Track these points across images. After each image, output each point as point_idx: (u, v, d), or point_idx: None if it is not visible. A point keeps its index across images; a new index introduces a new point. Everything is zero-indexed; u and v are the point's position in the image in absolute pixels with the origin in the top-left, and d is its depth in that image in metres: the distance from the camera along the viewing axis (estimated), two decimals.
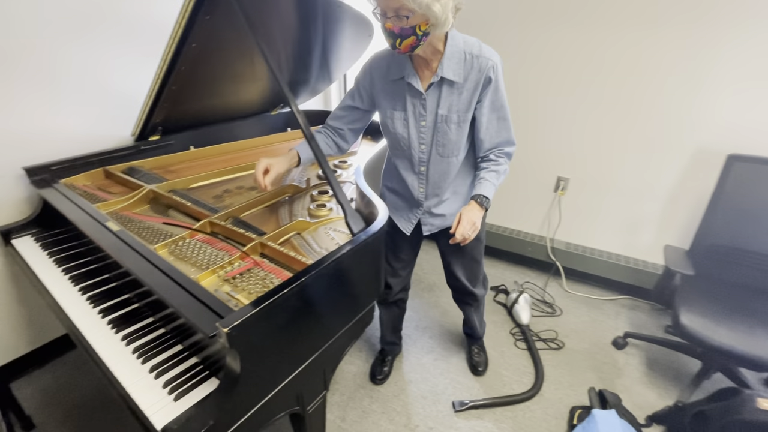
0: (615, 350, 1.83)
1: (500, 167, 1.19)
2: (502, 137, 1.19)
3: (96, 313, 1.01)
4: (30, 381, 1.61)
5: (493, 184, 1.17)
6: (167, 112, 1.54)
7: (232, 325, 0.68)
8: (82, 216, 1.15)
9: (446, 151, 1.21)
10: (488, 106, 1.13)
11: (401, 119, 1.21)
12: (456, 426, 1.47)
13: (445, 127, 1.16)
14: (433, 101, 1.14)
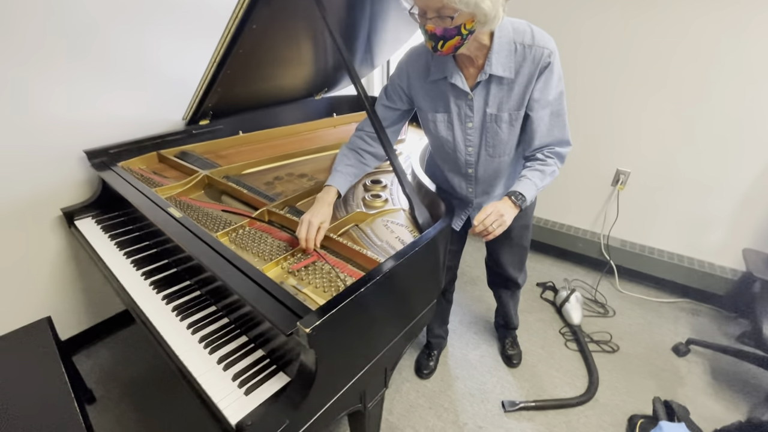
0: (675, 357, 1.72)
1: (547, 168, 1.04)
2: (554, 136, 1.04)
3: (160, 299, 1.02)
4: (89, 355, 1.69)
5: (534, 185, 1.02)
6: (219, 97, 1.52)
7: (314, 326, 0.65)
8: (144, 201, 1.15)
9: (497, 152, 1.11)
10: (541, 99, 0.99)
11: (444, 122, 1.11)
12: (506, 427, 1.42)
13: (495, 127, 1.05)
14: (480, 101, 1.03)
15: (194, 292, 1.05)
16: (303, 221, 0.98)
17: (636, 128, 1.90)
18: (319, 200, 1.07)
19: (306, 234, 0.96)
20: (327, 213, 1.04)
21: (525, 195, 1.00)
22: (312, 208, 1.03)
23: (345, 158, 1.19)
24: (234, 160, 1.59)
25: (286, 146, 1.74)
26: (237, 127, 1.74)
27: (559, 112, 1.02)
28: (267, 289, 0.78)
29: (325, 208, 1.04)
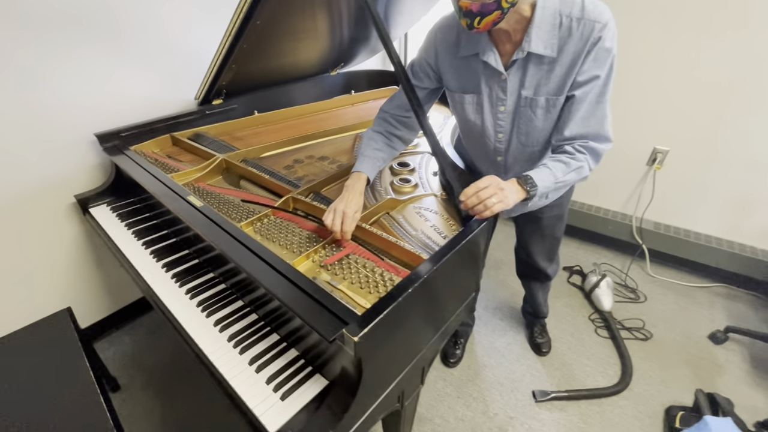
0: (712, 345, 1.65)
1: (573, 162, 0.90)
2: (591, 128, 0.89)
3: (184, 293, 0.96)
4: (111, 342, 1.67)
5: (553, 175, 0.88)
6: (234, 74, 1.42)
7: (362, 334, 0.59)
8: (162, 189, 1.08)
9: (530, 140, 1.00)
10: (583, 82, 0.85)
11: (473, 104, 1.00)
12: (538, 417, 1.38)
13: (530, 113, 0.94)
14: (515, 82, 0.91)
15: (218, 285, 1.00)
16: (335, 211, 0.90)
17: (677, 103, 1.76)
18: (348, 188, 0.98)
19: (339, 225, 0.88)
20: (359, 202, 0.95)
21: (537, 182, 0.87)
22: (342, 196, 0.95)
23: (372, 142, 1.10)
24: (251, 142, 1.50)
25: (304, 127, 1.65)
26: (251, 107, 1.65)
27: (601, 100, 0.88)
28: (304, 289, 0.72)
29: (356, 196, 0.96)
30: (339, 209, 0.90)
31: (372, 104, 1.91)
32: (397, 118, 1.11)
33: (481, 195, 0.82)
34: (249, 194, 1.16)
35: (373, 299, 0.77)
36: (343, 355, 0.67)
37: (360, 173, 1.03)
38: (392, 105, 1.11)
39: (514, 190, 0.86)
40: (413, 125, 1.12)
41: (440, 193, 1.16)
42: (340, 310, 0.67)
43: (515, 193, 0.86)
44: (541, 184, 0.87)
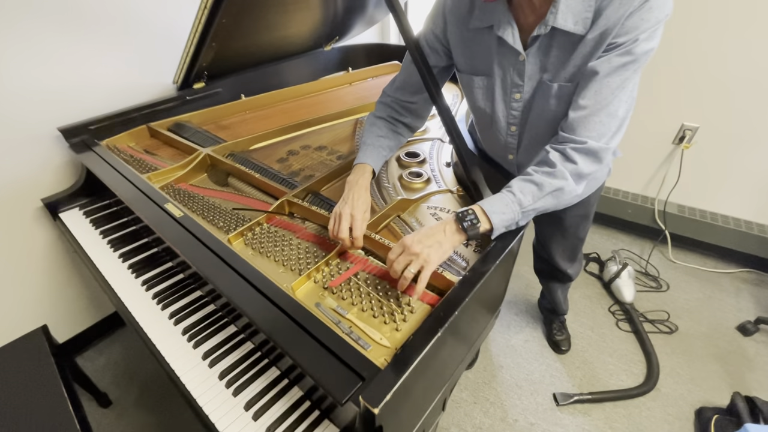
0: (741, 336, 1.56)
1: (551, 181, 0.69)
2: (592, 127, 0.68)
3: (167, 317, 0.83)
4: (101, 351, 1.56)
5: (518, 202, 0.69)
6: (215, 53, 1.24)
7: (384, 403, 0.46)
8: (134, 194, 0.93)
9: (545, 136, 0.82)
10: (606, 63, 0.65)
11: (483, 88, 0.83)
12: (561, 423, 1.30)
13: (544, 103, 0.76)
14: (535, 64, 0.74)
15: (206, 306, 0.87)
16: (339, 216, 0.76)
17: (713, 73, 1.59)
18: (352, 185, 0.83)
19: (347, 231, 0.74)
20: (366, 200, 0.81)
21: (491, 216, 0.68)
22: (346, 196, 0.81)
23: (375, 128, 0.94)
24: (238, 131, 1.34)
25: (298, 111, 1.48)
26: (238, 90, 1.47)
27: (623, 86, 0.66)
28: (308, 330, 0.58)
29: (362, 193, 0.82)
30: (345, 213, 0.76)
31: (372, 83, 1.72)
32: (401, 104, 0.95)
33: (395, 268, 0.65)
34: (238, 197, 1.01)
35: (389, 331, 0.65)
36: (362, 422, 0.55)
37: (364, 165, 0.88)
38: (394, 88, 0.95)
39: (440, 239, 0.66)
40: (420, 112, 0.97)
41: (456, 189, 1.02)
42: (354, 359, 0.54)
43: (446, 241, 0.66)
44: (498, 219, 0.69)
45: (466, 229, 0.67)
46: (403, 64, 0.93)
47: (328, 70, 1.87)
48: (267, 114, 1.46)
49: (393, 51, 1.91)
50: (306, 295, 0.72)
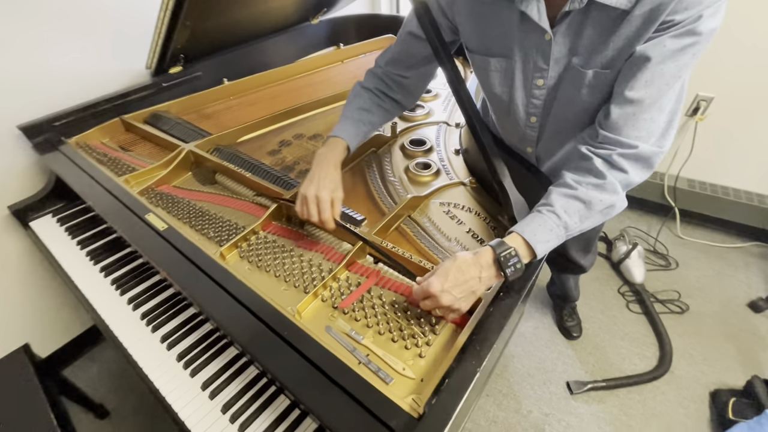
0: (752, 313, 1.53)
1: (601, 196, 0.58)
2: (642, 126, 0.57)
3: (158, 340, 0.74)
4: (93, 358, 1.49)
5: (564, 225, 0.58)
6: (192, 32, 1.10)
7: None
8: (110, 204, 0.82)
9: (570, 130, 0.72)
10: (659, 46, 0.53)
11: (500, 72, 0.72)
12: (575, 412, 1.27)
13: (573, 91, 0.65)
14: (563, 45, 0.62)
15: (203, 325, 0.78)
16: (306, 198, 0.70)
17: (727, 44, 1.48)
18: (320, 160, 0.76)
19: (316, 214, 0.69)
20: (334, 179, 0.74)
21: (525, 251, 0.58)
22: (312, 174, 0.73)
23: (359, 100, 0.84)
24: (223, 120, 1.22)
25: (287, 95, 1.35)
26: (219, 74, 1.33)
27: (679, 75, 0.55)
28: (321, 369, 0.51)
29: (330, 171, 0.74)
30: (310, 194, 0.69)
31: (366, 59, 1.59)
32: (392, 78, 0.83)
33: (425, 304, 0.58)
34: (229, 199, 0.91)
35: (411, 358, 0.57)
36: None
37: (337, 140, 0.79)
38: (387, 59, 0.83)
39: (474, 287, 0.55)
40: (413, 89, 0.86)
41: (469, 180, 0.93)
42: (377, 402, 0.46)
43: (481, 288, 0.56)
44: (543, 248, 0.58)
45: (508, 275, 0.56)
46: (399, 35, 0.81)
47: (317, 46, 1.72)
48: (253, 99, 1.33)
49: (386, 22, 1.76)
50: (314, 317, 0.63)
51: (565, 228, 0.59)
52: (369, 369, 0.55)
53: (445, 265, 0.56)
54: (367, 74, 0.87)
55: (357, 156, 1.00)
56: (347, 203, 0.83)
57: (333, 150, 0.77)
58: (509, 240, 0.58)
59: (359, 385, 0.50)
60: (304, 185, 0.72)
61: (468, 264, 0.56)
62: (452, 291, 0.54)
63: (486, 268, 0.56)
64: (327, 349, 0.55)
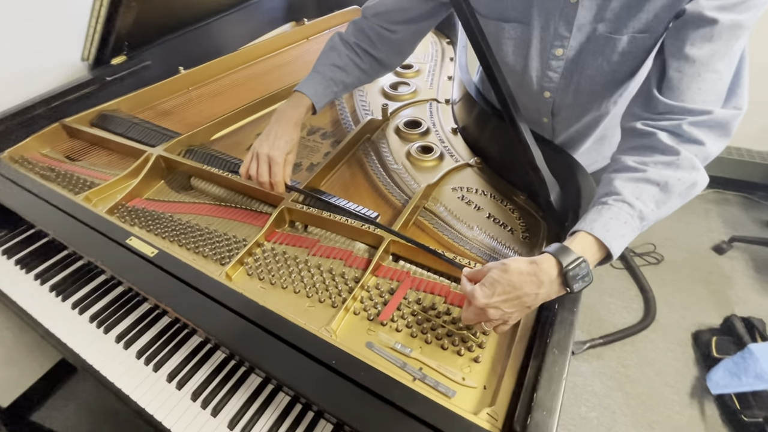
0: (717, 256, 1.67)
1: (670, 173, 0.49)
2: (710, 87, 0.50)
3: (165, 379, 0.65)
4: (66, 396, 1.33)
5: (640, 216, 0.49)
6: (137, 15, 0.93)
7: None
8: (76, 231, 0.69)
9: (592, 99, 0.66)
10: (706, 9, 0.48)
11: (515, 39, 0.64)
12: (579, 372, 1.33)
13: (600, 62, 0.59)
14: (590, 9, 0.56)
15: (214, 353, 0.69)
16: (257, 155, 0.67)
17: None
18: (279, 117, 0.70)
19: (266, 175, 0.66)
20: (291, 140, 0.69)
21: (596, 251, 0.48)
22: (269, 130, 0.69)
23: (333, 53, 0.75)
24: (186, 116, 1.07)
25: (253, 82, 1.21)
26: (173, 62, 1.16)
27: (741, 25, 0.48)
28: (376, 392, 0.46)
29: (289, 129, 0.69)
30: (263, 152, 0.67)
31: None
32: (378, 32, 0.73)
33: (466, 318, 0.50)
34: (217, 208, 0.80)
35: (467, 365, 0.53)
36: None
37: (302, 96, 0.72)
38: (376, 10, 0.73)
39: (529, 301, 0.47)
40: (402, 46, 0.76)
41: (474, 160, 0.88)
42: (446, 421, 0.42)
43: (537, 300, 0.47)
44: (618, 244, 0.48)
45: (575, 290, 0.46)
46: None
47: (275, 22, 1.56)
48: (216, 89, 1.18)
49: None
50: (350, 334, 0.57)
51: (641, 218, 0.49)
52: (427, 385, 0.51)
53: (492, 276, 0.47)
54: (350, 26, 0.76)
55: (351, 146, 0.91)
56: (349, 198, 0.76)
57: (296, 108, 0.71)
58: (575, 244, 0.48)
59: (423, 405, 0.46)
60: (258, 141, 0.68)
61: (524, 278, 0.46)
62: (501, 306, 0.46)
63: (547, 285, 0.46)
64: (377, 369, 0.49)
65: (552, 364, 0.44)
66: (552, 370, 0.43)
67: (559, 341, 0.46)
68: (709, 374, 1.21)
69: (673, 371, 1.32)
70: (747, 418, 1.09)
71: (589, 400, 1.26)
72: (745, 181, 1.83)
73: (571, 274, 0.45)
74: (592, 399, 1.26)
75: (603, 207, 0.49)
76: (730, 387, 1.15)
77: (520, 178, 0.80)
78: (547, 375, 0.43)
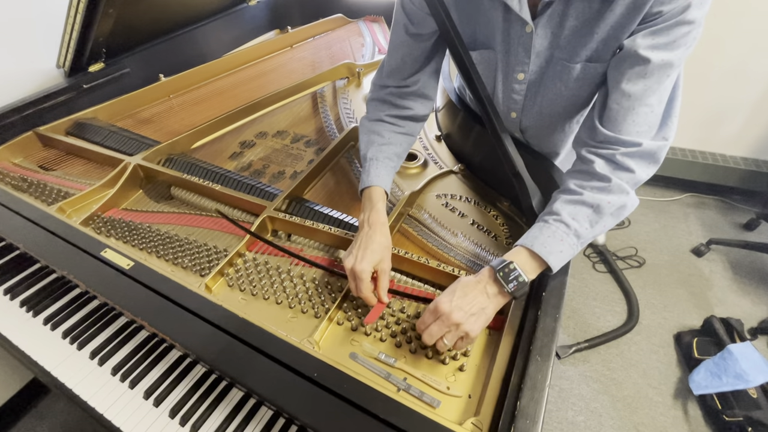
0: (696, 258, 1.70)
1: (610, 199, 0.55)
2: (642, 120, 0.54)
3: (127, 387, 0.62)
4: (41, 415, 1.27)
5: (576, 234, 0.55)
6: (115, 22, 0.91)
7: None
8: (48, 243, 0.66)
9: (555, 121, 0.71)
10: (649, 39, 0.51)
11: (484, 62, 0.67)
12: (566, 375, 1.34)
13: (560, 87, 0.63)
14: (545, 37, 0.59)
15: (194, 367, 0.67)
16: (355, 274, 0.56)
17: None
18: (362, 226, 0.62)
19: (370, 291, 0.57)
20: (381, 246, 0.59)
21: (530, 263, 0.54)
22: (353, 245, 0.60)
23: (375, 137, 0.72)
24: (167, 124, 1.05)
25: (237, 90, 1.20)
26: (153, 69, 1.14)
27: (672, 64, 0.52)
28: (364, 407, 0.45)
29: (374, 238, 0.59)
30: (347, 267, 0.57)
31: (317, 42, 1.46)
32: (399, 93, 0.73)
33: (426, 339, 0.52)
34: (198, 218, 0.78)
35: (452, 373, 0.53)
36: None
37: (372, 190, 0.66)
38: (385, 74, 0.73)
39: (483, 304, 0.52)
40: (426, 90, 0.74)
41: (458, 167, 0.89)
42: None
43: (490, 306, 0.52)
44: (556, 259, 0.54)
45: (510, 290, 0.52)
46: (392, 41, 0.70)
47: (258, 30, 1.56)
48: (198, 97, 1.16)
49: (333, 0, 1.63)
50: (334, 345, 0.56)
51: (577, 236, 0.55)
52: (411, 395, 0.50)
53: (448, 288, 0.54)
54: (369, 105, 0.76)
55: (335, 154, 0.91)
56: (334, 207, 0.76)
57: (373, 207, 0.64)
58: (512, 255, 0.55)
59: (407, 417, 0.45)
60: (346, 255, 0.59)
61: (471, 283, 0.53)
62: (462, 307, 0.51)
63: (488, 284, 0.53)
64: (360, 380, 0.48)
65: (535, 371, 0.44)
66: (535, 378, 0.43)
67: (542, 348, 0.46)
68: (691, 375, 1.23)
69: (656, 373, 1.33)
70: (728, 417, 1.11)
71: (576, 404, 1.27)
72: (721, 185, 1.89)
73: (502, 275, 0.52)
74: (579, 403, 1.27)
75: (544, 225, 0.56)
76: (712, 387, 1.17)
77: (503, 184, 0.81)
78: (530, 383, 0.43)
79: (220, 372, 0.57)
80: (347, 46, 1.43)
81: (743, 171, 1.80)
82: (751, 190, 1.85)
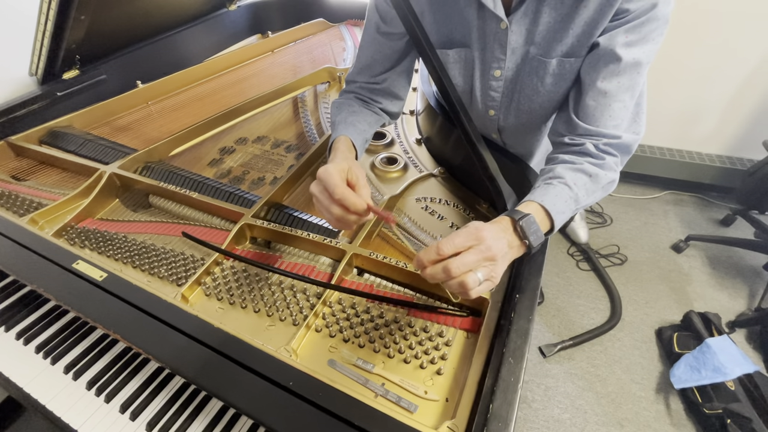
0: (676, 254, 1.74)
1: (603, 173, 0.58)
2: (617, 114, 0.57)
3: (103, 401, 0.61)
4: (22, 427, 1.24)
5: (575, 198, 0.56)
6: (87, 28, 0.90)
7: None
8: (18, 255, 0.65)
9: (534, 121, 0.72)
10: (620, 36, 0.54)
11: (459, 63, 0.68)
12: (551, 373, 1.35)
13: (536, 82, 0.64)
14: (519, 34, 0.61)
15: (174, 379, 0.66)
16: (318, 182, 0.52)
17: None
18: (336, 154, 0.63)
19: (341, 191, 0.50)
20: (348, 158, 0.62)
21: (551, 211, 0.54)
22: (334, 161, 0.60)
23: (345, 106, 0.75)
24: (144, 131, 1.04)
25: (216, 96, 1.19)
26: (130, 76, 1.13)
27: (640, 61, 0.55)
28: (341, 416, 0.44)
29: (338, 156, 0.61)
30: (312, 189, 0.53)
31: (298, 47, 1.46)
32: (369, 88, 0.76)
33: (458, 266, 0.43)
34: (175, 226, 0.77)
35: (429, 377, 0.53)
36: None
37: (339, 138, 0.67)
38: (357, 69, 0.76)
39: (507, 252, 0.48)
40: (394, 89, 0.76)
41: (438, 170, 0.90)
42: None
43: (510, 256, 0.49)
44: (560, 219, 0.55)
45: (532, 242, 0.50)
46: (363, 39, 0.73)
47: (238, 35, 1.55)
48: (177, 103, 1.15)
49: (314, 4, 1.63)
50: (312, 353, 0.56)
51: (575, 201, 0.56)
52: (389, 400, 0.50)
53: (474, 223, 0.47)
54: (340, 95, 0.78)
55: (316, 159, 0.91)
56: (314, 212, 0.75)
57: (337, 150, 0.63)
58: (525, 208, 0.53)
59: (383, 423, 0.45)
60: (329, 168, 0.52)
61: (487, 226, 0.47)
62: (479, 245, 0.44)
63: (511, 237, 0.49)
64: (337, 388, 0.48)
65: (508, 373, 0.44)
66: (508, 380, 0.44)
67: (515, 351, 0.47)
68: (672, 369, 1.26)
69: (639, 368, 1.36)
70: (708, 410, 1.13)
71: (561, 401, 1.28)
72: (698, 183, 1.94)
73: (524, 225, 0.50)
74: (565, 400, 1.28)
75: (549, 186, 0.57)
76: (692, 381, 1.19)
77: (482, 186, 0.82)
78: (503, 385, 0.43)
79: (196, 384, 0.57)
80: (329, 50, 1.43)
81: (719, 168, 1.85)
82: (726, 186, 1.91)
